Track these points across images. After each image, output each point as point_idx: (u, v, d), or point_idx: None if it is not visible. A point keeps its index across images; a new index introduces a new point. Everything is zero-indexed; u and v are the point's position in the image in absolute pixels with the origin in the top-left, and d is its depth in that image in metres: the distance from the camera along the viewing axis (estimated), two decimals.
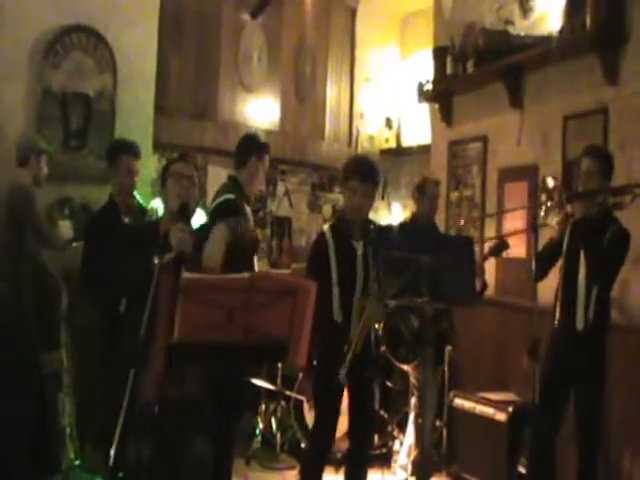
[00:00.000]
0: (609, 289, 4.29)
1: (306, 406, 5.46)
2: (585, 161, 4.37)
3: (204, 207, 4.90)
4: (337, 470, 4.94)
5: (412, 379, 5.16)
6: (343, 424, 4.35)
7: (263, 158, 4.49)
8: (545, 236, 4.39)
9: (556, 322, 4.38)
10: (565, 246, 4.34)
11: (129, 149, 4.88)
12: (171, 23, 6.67)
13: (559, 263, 4.39)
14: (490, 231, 6.07)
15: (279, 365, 5.55)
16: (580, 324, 4.24)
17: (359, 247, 4.13)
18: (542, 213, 4.23)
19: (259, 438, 5.76)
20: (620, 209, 4.22)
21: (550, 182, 4.33)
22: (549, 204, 4.23)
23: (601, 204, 4.25)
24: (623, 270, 4.56)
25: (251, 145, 4.53)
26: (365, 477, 4.18)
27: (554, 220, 4.27)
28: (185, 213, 3.41)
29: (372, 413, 4.34)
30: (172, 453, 3.29)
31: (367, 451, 4.28)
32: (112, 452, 2.83)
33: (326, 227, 4.26)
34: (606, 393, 4.43)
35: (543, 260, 4.31)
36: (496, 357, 5.80)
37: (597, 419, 4.23)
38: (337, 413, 4.13)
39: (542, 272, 4.30)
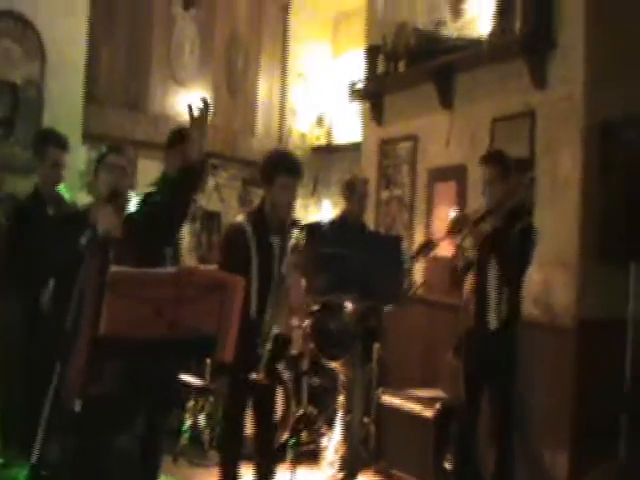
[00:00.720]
0: (520, 286, 4.40)
1: None
2: (484, 170, 4.50)
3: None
4: None
5: (341, 376, 5.17)
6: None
7: None
8: None
9: (472, 322, 4.48)
10: (476, 252, 4.44)
11: (57, 141, 4.74)
12: (102, 12, 6.55)
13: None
14: (419, 231, 6.14)
15: (207, 361, 5.50)
16: (493, 324, 4.35)
17: (276, 242, 4.04)
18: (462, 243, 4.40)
19: (187, 434, 5.71)
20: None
21: (452, 215, 4.55)
22: (462, 235, 4.37)
23: (505, 211, 4.41)
24: (546, 271, 4.71)
25: (174, 137, 4.52)
26: (274, 472, 4.16)
27: (467, 243, 4.39)
28: (115, 198, 3.33)
29: (273, 410, 4.38)
30: (94, 450, 3.23)
31: (273, 448, 4.29)
32: (35, 450, 2.76)
33: (242, 219, 4.09)
34: (528, 388, 4.61)
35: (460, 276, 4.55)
36: (424, 354, 5.85)
37: (509, 410, 4.36)
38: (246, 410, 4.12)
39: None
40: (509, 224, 4.35)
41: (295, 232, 3.99)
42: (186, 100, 7.19)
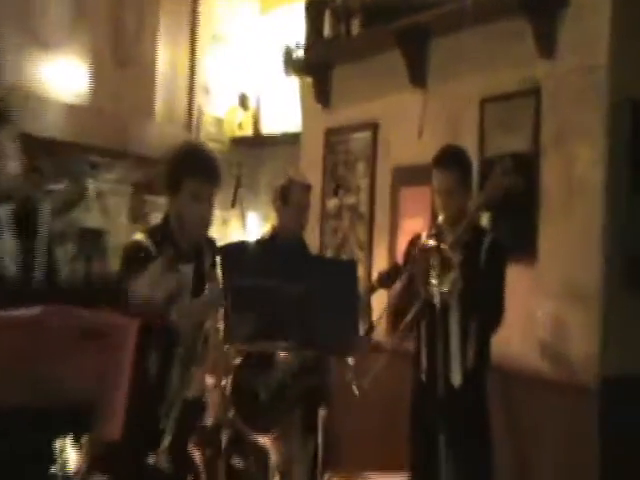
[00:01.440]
0: (494, 327, 4.40)
1: None
2: (437, 176, 4.51)
3: None
4: None
5: (273, 455, 5.14)
6: None
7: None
8: None
9: (423, 375, 4.54)
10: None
11: None
12: None
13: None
14: (380, 254, 6.06)
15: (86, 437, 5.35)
16: (457, 378, 4.40)
17: (187, 273, 4.02)
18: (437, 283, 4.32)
19: None
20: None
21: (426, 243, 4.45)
22: (435, 272, 4.31)
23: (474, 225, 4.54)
24: (556, 307, 4.73)
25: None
26: None
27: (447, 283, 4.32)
28: None
29: None
30: None
31: None
32: None
33: (142, 236, 4.03)
34: (534, 464, 4.85)
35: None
36: (387, 421, 5.82)
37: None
38: None
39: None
40: (476, 243, 4.43)
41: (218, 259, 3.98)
42: (53, 69, 7.13)
